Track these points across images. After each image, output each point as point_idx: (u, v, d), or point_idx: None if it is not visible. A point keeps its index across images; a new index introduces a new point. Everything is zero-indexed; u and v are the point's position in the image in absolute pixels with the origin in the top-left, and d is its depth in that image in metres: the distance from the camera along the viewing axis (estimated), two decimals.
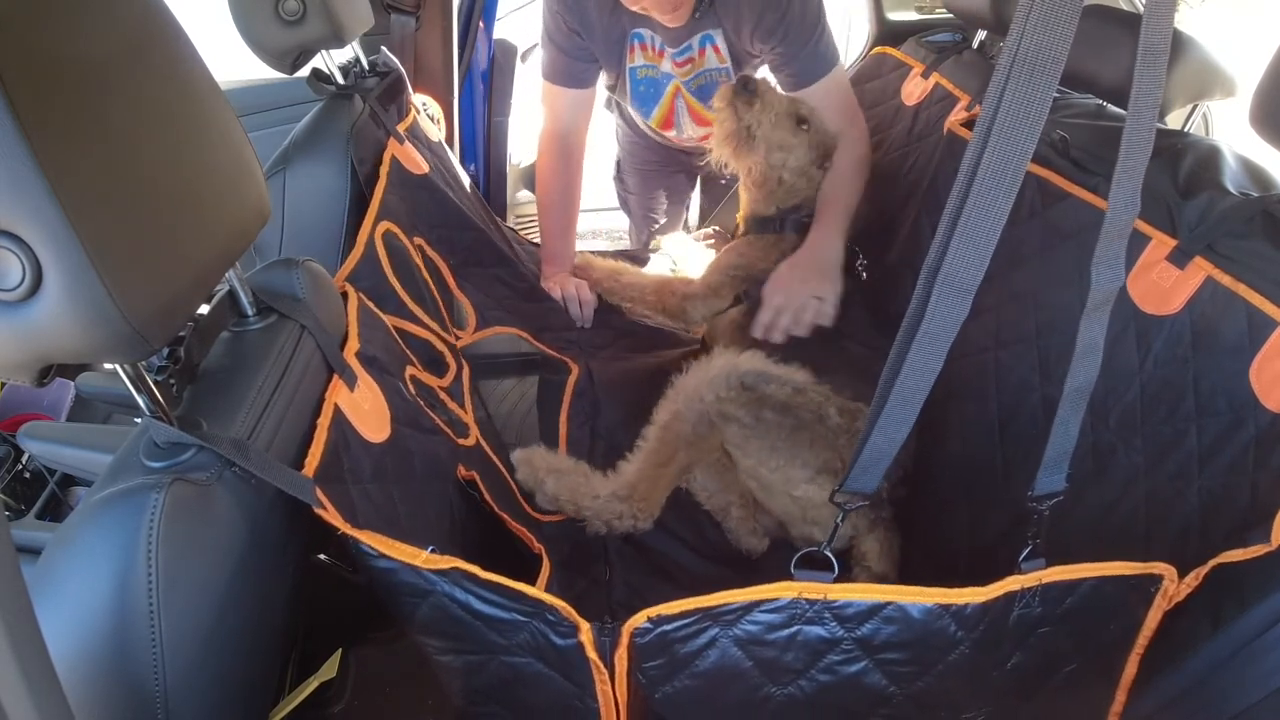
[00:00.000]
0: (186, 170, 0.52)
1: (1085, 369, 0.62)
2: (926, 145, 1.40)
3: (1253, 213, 0.80)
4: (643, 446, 1.09)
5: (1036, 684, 0.72)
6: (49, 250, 0.41)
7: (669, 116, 1.59)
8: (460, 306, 1.32)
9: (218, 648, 0.52)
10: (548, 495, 1.06)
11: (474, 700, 0.72)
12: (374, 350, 0.82)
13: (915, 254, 1.31)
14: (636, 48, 1.45)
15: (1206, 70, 1.04)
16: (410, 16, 1.57)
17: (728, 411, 1.05)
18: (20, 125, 0.38)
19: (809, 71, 1.35)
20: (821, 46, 1.34)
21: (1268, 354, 0.73)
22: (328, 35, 1.11)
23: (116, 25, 0.48)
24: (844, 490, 0.65)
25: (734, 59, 1.44)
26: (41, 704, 0.31)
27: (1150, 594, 0.69)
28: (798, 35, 1.31)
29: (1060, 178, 1.02)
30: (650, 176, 1.91)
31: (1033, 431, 0.96)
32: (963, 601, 0.63)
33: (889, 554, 1.06)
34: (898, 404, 0.59)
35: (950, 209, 0.55)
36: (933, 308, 0.56)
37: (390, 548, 0.62)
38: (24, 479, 1.25)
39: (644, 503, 1.05)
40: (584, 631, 0.65)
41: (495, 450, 1.12)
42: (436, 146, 1.45)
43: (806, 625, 0.64)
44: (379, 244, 1.04)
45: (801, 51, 1.33)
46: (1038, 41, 0.50)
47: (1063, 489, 0.67)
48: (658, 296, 1.47)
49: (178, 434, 0.54)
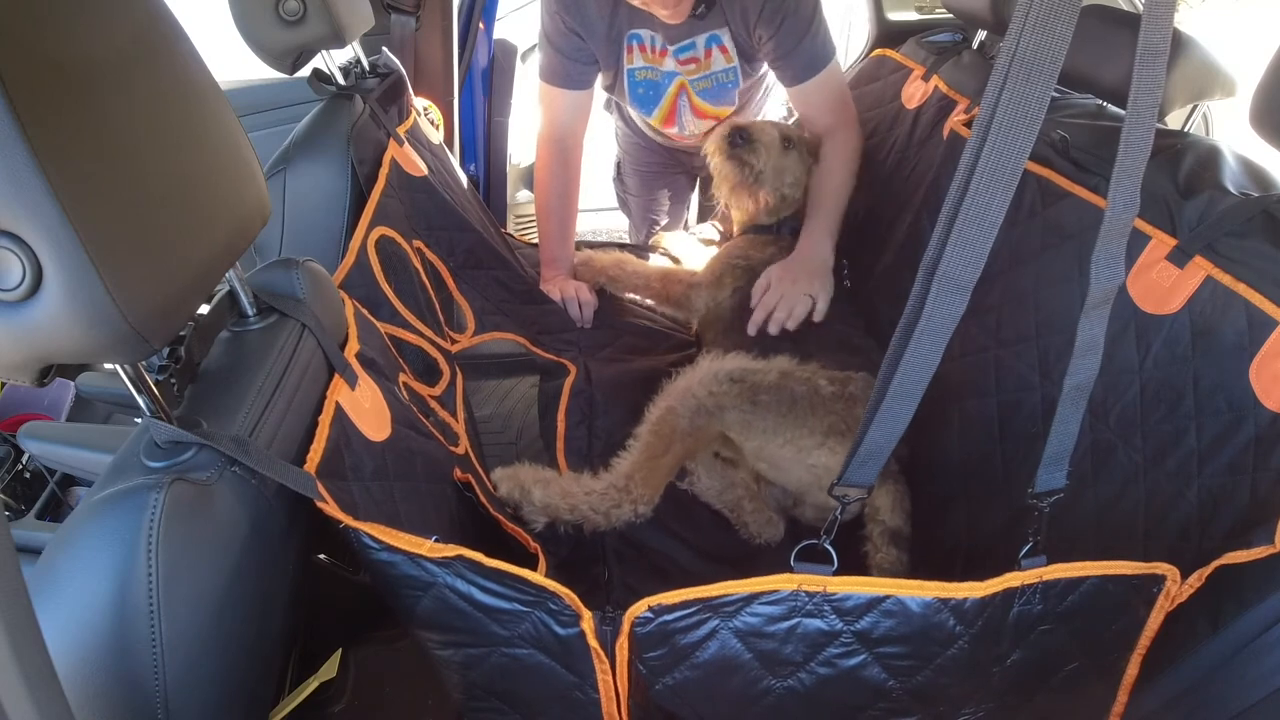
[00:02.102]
0: (186, 170, 0.52)
1: (1085, 367, 0.62)
2: (928, 148, 1.40)
3: (1253, 212, 0.80)
4: (635, 444, 1.09)
5: (1037, 682, 0.72)
6: (49, 250, 0.41)
7: (670, 115, 1.59)
8: (459, 309, 1.32)
9: (218, 647, 0.52)
10: (536, 505, 1.04)
11: (474, 696, 0.73)
12: (372, 353, 0.83)
13: (917, 256, 1.31)
14: (635, 49, 1.45)
15: (1206, 70, 1.04)
16: (410, 17, 1.57)
17: (724, 403, 1.07)
18: (20, 125, 0.38)
19: (806, 66, 1.35)
20: (819, 40, 1.34)
21: (1267, 353, 0.73)
22: (328, 35, 1.11)
23: (116, 25, 0.48)
24: (843, 483, 0.66)
25: (741, 55, 1.44)
26: (41, 704, 0.31)
27: (1152, 594, 0.69)
28: (794, 27, 1.32)
29: (1061, 177, 1.02)
30: (650, 178, 1.91)
31: (1032, 430, 0.96)
32: (961, 596, 0.64)
33: (901, 506, 1.07)
34: (896, 399, 0.60)
35: (948, 207, 0.56)
36: (930, 304, 0.57)
37: (394, 538, 0.62)
38: (24, 479, 1.25)
39: (643, 490, 1.06)
40: (586, 620, 0.65)
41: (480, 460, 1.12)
42: (437, 149, 1.45)
43: (806, 618, 0.64)
44: (371, 251, 1.04)
45: (799, 45, 1.33)
46: (1036, 41, 0.50)
47: (1063, 486, 0.67)
48: (662, 284, 1.50)
49: (178, 433, 0.54)
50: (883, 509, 1.06)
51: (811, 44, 1.34)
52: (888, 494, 1.06)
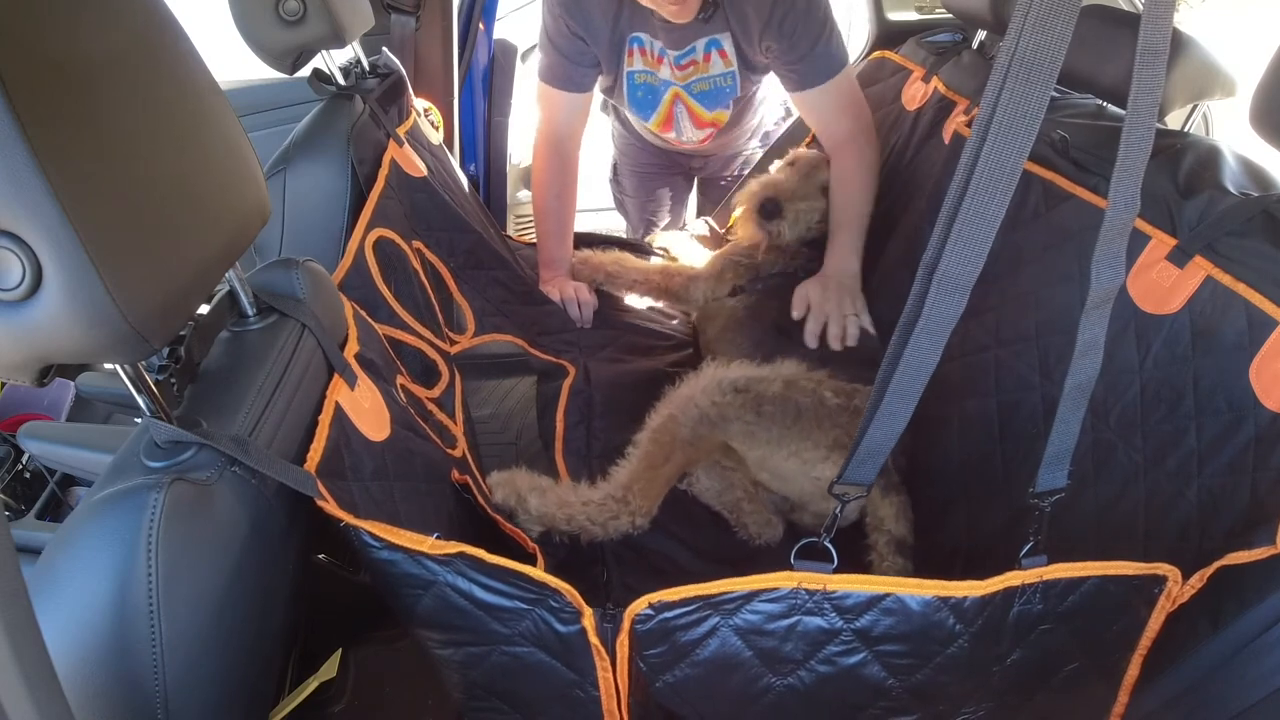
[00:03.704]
0: (186, 170, 0.52)
1: (1086, 367, 0.62)
2: (928, 149, 1.40)
3: (1253, 212, 0.80)
4: (634, 452, 1.09)
5: (1037, 682, 0.72)
6: (49, 250, 0.41)
7: (668, 120, 1.59)
8: (459, 310, 1.32)
9: (218, 647, 0.52)
10: (532, 514, 1.02)
11: (474, 695, 0.73)
12: (371, 354, 0.83)
13: (917, 257, 1.30)
14: (635, 52, 1.45)
15: (1206, 70, 1.04)
16: (410, 17, 1.57)
17: (727, 414, 1.06)
18: (20, 125, 0.38)
19: (816, 72, 1.34)
20: (831, 47, 1.33)
21: (1267, 353, 0.73)
22: (328, 35, 1.11)
23: (117, 25, 0.48)
24: (842, 482, 0.66)
25: (741, 62, 1.44)
26: (41, 704, 0.31)
27: (1154, 595, 0.68)
28: (805, 33, 1.31)
29: (1063, 179, 1.02)
30: (648, 179, 1.91)
31: (1032, 430, 0.96)
32: (961, 595, 0.64)
33: (905, 515, 1.07)
34: (895, 398, 0.60)
35: (948, 207, 0.56)
36: (930, 304, 0.57)
37: (395, 536, 0.62)
38: (24, 479, 1.25)
39: (641, 501, 1.05)
40: (587, 617, 0.65)
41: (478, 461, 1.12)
42: (437, 150, 1.45)
43: (806, 616, 0.64)
44: (369, 253, 1.04)
45: (810, 51, 1.32)
46: (1036, 41, 0.50)
47: (1064, 486, 0.67)
48: (662, 278, 1.51)
49: (178, 433, 0.54)
50: (887, 519, 1.06)
51: (825, 49, 1.32)
52: (891, 504, 1.06)
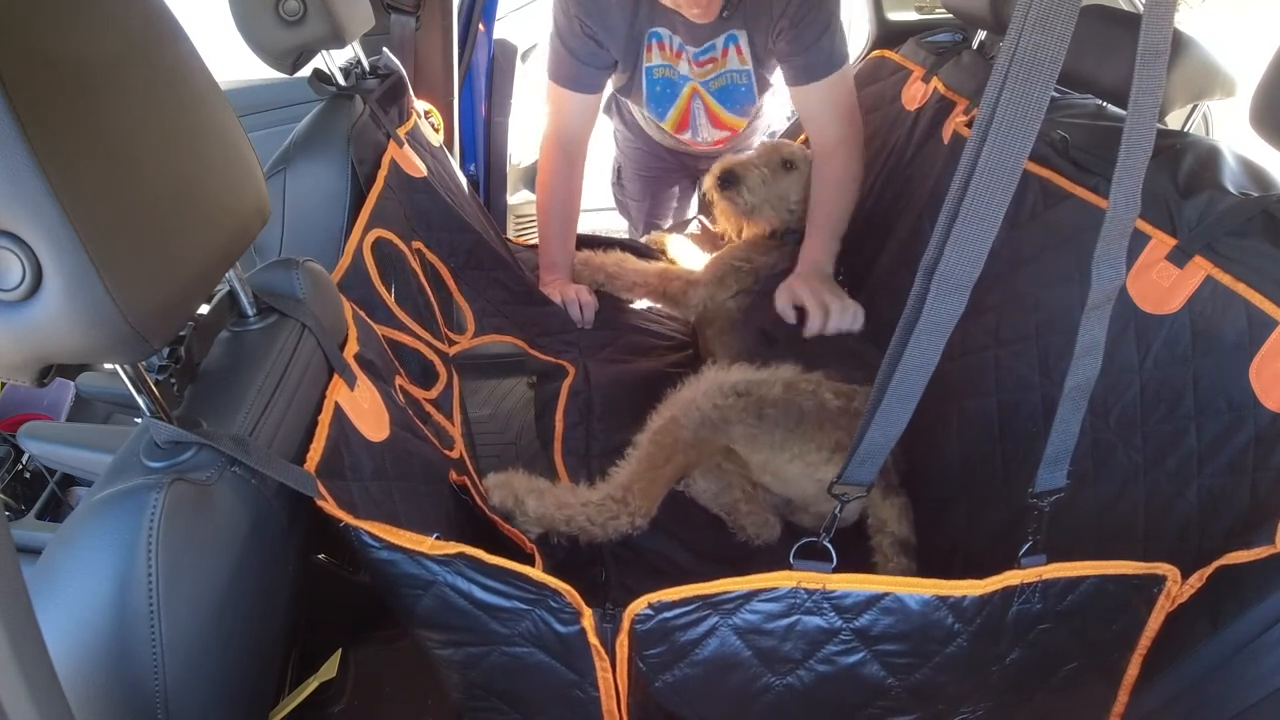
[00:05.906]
0: (186, 170, 0.52)
1: (1086, 367, 0.62)
2: (928, 150, 1.40)
3: (1252, 212, 0.80)
4: (634, 453, 1.08)
5: (1037, 682, 0.72)
6: (49, 250, 0.41)
7: (684, 119, 1.58)
8: (459, 310, 1.32)
9: (218, 647, 0.52)
10: (530, 516, 1.02)
11: (474, 695, 0.73)
12: (370, 355, 0.83)
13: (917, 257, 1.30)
14: (654, 47, 1.44)
15: (1206, 70, 1.04)
16: (410, 17, 1.57)
17: (729, 417, 1.06)
18: (20, 125, 0.38)
19: (817, 66, 1.34)
20: (835, 42, 1.33)
21: (1267, 353, 0.73)
22: (328, 35, 1.11)
23: (116, 25, 0.48)
24: (842, 482, 0.66)
25: (755, 59, 1.44)
26: (41, 704, 0.31)
27: (1153, 594, 0.69)
28: (816, 20, 1.31)
29: (1062, 179, 1.02)
30: (652, 181, 1.90)
31: (1032, 430, 0.96)
32: (960, 594, 0.64)
33: (907, 517, 1.07)
34: (895, 398, 0.60)
35: (948, 207, 0.56)
36: (930, 304, 0.57)
37: (395, 536, 0.62)
38: (24, 479, 1.25)
39: (640, 502, 1.05)
40: (586, 617, 0.65)
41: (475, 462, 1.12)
42: (437, 150, 1.45)
43: (805, 615, 0.65)
44: (367, 253, 1.04)
45: (816, 42, 1.32)
46: (1035, 41, 0.50)
47: (1064, 485, 0.67)
48: (661, 281, 1.51)
49: (178, 433, 0.54)
50: (889, 520, 1.06)
51: (829, 43, 1.33)
52: (892, 506, 1.06)
